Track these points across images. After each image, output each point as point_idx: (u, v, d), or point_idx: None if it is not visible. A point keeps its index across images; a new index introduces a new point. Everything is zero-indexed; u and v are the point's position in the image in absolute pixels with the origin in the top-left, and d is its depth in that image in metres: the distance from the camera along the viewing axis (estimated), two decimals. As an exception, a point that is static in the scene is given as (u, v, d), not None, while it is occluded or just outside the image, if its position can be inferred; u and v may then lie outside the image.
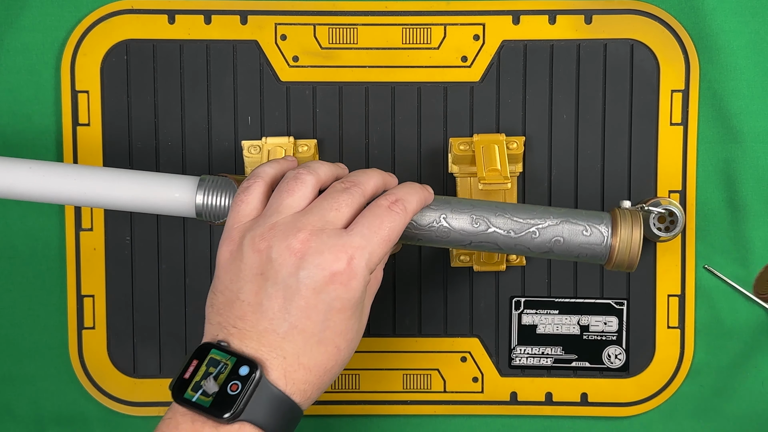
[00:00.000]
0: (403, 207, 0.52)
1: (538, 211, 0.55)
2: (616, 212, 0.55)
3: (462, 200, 0.56)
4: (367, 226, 0.50)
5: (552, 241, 0.54)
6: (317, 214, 0.50)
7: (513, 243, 0.54)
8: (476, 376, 0.67)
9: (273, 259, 0.49)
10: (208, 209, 0.55)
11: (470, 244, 0.55)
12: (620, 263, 0.54)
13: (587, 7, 0.64)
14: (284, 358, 0.49)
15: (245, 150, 0.64)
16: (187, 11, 0.65)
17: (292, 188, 0.51)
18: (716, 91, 0.65)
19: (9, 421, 0.68)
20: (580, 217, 0.55)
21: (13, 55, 0.65)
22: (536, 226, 0.54)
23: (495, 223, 0.54)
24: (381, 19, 0.65)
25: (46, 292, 0.67)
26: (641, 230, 0.54)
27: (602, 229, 0.54)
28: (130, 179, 0.56)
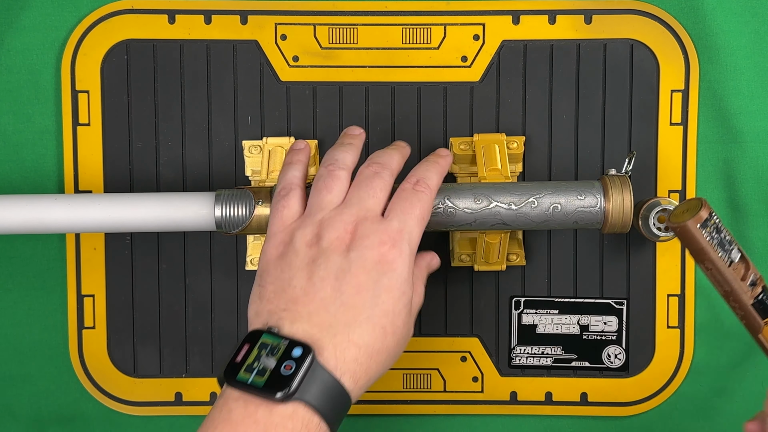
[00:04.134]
0: (426, 185, 0.54)
1: (534, 184, 0.58)
2: (606, 178, 0.58)
3: (462, 184, 0.59)
4: (401, 211, 0.53)
5: (551, 208, 0.57)
6: (357, 204, 0.53)
7: (515, 215, 0.57)
8: (476, 376, 0.67)
9: (324, 248, 0.52)
10: (227, 220, 0.58)
11: (475, 221, 0.58)
12: (614, 224, 0.57)
13: (587, 7, 0.64)
14: (335, 336, 0.50)
15: (245, 150, 0.64)
16: (187, 11, 0.65)
17: (329, 186, 0.54)
18: (716, 91, 0.65)
19: (9, 421, 0.68)
20: (573, 185, 0.58)
21: (14, 55, 0.65)
22: (534, 196, 0.57)
23: (496, 197, 0.57)
24: (381, 19, 0.65)
25: (47, 292, 0.67)
26: (631, 192, 0.57)
27: (595, 193, 0.57)
28: (152, 202, 0.59)
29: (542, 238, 0.66)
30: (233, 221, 0.58)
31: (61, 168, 0.66)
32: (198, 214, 0.59)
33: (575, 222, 0.58)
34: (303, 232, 0.53)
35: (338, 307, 0.50)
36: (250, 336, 0.50)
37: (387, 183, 0.55)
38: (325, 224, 0.53)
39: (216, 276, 0.66)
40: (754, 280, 0.56)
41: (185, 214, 0.59)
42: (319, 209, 0.54)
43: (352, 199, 0.54)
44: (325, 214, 0.53)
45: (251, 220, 0.58)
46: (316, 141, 0.64)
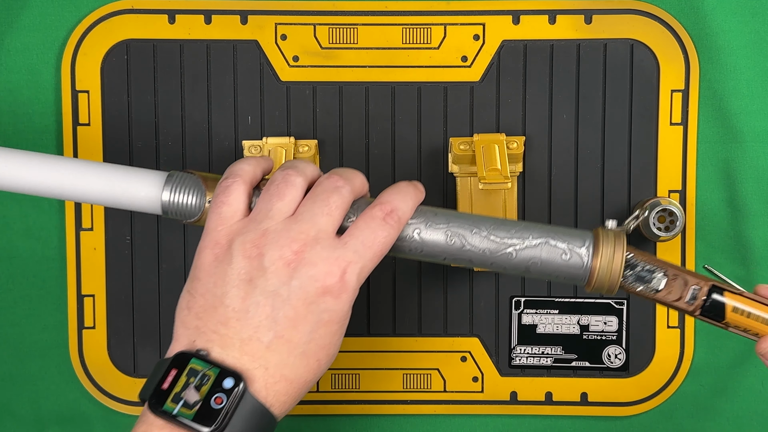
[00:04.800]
0: (397, 218, 0.50)
1: (518, 228, 0.52)
2: (599, 233, 0.52)
3: (439, 213, 0.53)
4: (362, 240, 0.49)
5: (529, 262, 0.52)
6: (309, 220, 0.49)
7: (489, 262, 0.52)
8: (476, 376, 0.67)
9: (265, 267, 0.48)
10: (175, 207, 0.53)
11: (444, 259, 0.53)
12: (599, 287, 0.52)
13: (587, 7, 0.64)
14: (266, 369, 0.47)
15: (246, 150, 0.64)
16: (187, 11, 0.65)
17: (282, 191, 0.50)
18: (716, 91, 0.65)
19: (9, 421, 0.68)
20: (562, 237, 0.52)
21: (14, 55, 0.65)
22: (513, 247, 0.51)
23: (470, 241, 0.52)
24: (381, 19, 0.65)
25: (47, 292, 0.67)
26: (624, 253, 0.51)
27: (582, 252, 0.51)
28: (94, 171, 0.53)
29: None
30: (182, 210, 0.53)
31: (61, 168, 0.66)
32: (144, 195, 0.53)
33: (555, 277, 0.52)
34: (243, 239, 0.49)
35: (272, 339, 0.47)
36: (177, 359, 0.47)
37: (346, 201, 0.50)
38: (269, 238, 0.48)
39: (216, 276, 0.66)
40: (695, 294, 0.52)
41: (130, 191, 0.53)
42: (266, 217, 0.49)
43: (304, 213, 0.49)
44: (272, 224, 0.49)
45: (202, 214, 0.53)
46: (316, 141, 0.64)
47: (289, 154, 0.62)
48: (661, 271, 0.52)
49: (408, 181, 0.53)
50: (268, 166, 0.54)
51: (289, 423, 0.68)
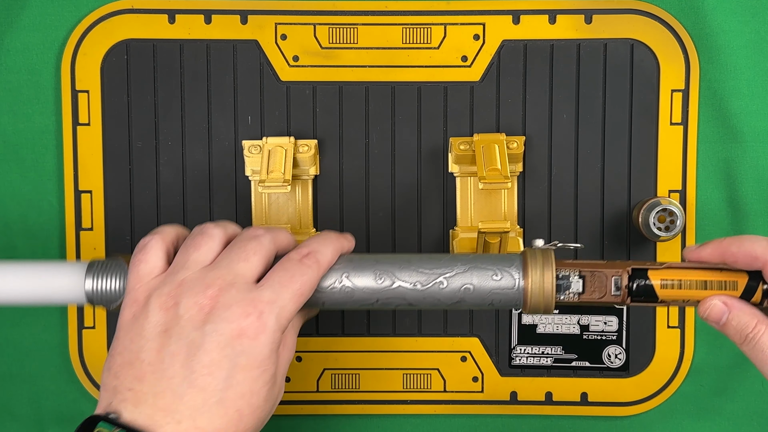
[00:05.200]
0: (315, 260, 0.50)
1: (446, 259, 0.52)
2: (527, 253, 0.52)
3: (366, 256, 0.53)
4: (278, 281, 0.48)
5: (462, 289, 0.51)
6: (226, 266, 0.48)
7: (421, 296, 0.51)
8: (476, 376, 0.67)
9: (180, 315, 0.47)
10: (100, 295, 0.52)
11: (377, 302, 0.52)
12: (536, 307, 0.51)
13: (587, 7, 0.64)
14: (179, 422, 0.45)
15: (245, 150, 0.64)
16: (187, 11, 0.65)
17: (198, 243, 0.50)
18: (716, 90, 0.65)
19: (9, 421, 0.68)
20: (489, 261, 0.52)
21: (13, 55, 0.65)
22: (443, 276, 0.51)
23: (399, 276, 0.51)
24: (381, 19, 0.65)
25: (46, 292, 0.67)
26: (553, 271, 0.51)
27: (513, 272, 0.51)
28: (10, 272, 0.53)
29: (542, 237, 0.66)
30: (107, 296, 0.52)
31: (61, 168, 0.66)
32: (65, 287, 0.52)
33: (491, 303, 0.52)
34: (160, 292, 0.48)
35: (186, 389, 0.46)
36: (85, 425, 0.46)
37: (265, 248, 0.50)
38: (185, 287, 0.48)
39: (216, 276, 0.66)
40: (617, 283, 0.51)
41: (49, 286, 0.52)
42: (182, 268, 0.49)
43: (221, 261, 0.49)
44: (188, 274, 0.48)
45: None
46: (316, 141, 0.64)
47: (289, 154, 0.62)
48: (575, 274, 0.52)
49: (337, 232, 0.54)
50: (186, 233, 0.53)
51: (289, 423, 0.68)
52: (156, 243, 0.50)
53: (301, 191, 0.65)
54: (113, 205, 0.66)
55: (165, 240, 0.51)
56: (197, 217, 0.65)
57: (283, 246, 0.52)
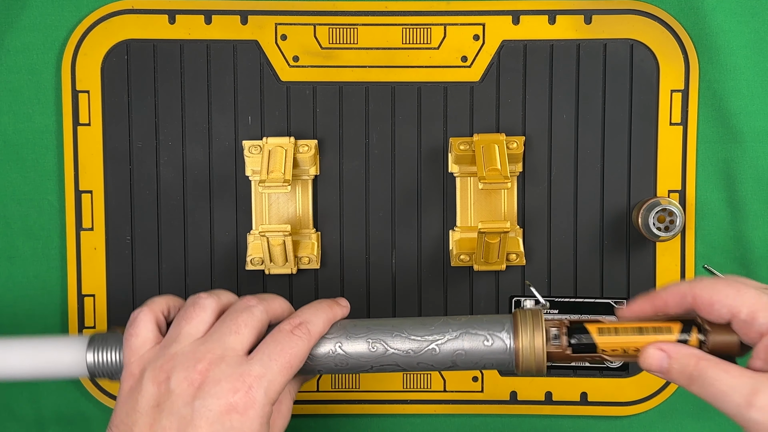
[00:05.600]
0: (306, 330, 0.51)
1: (437, 324, 0.53)
2: (517, 315, 0.53)
3: (359, 323, 0.54)
4: (267, 354, 0.49)
5: (454, 354, 0.52)
6: (217, 340, 0.49)
7: (415, 362, 0.53)
8: (476, 376, 0.67)
9: (171, 390, 0.48)
10: (102, 367, 0.53)
11: (372, 368, 0.53)
12: (528, 369, 0.52)
13: (587, 7, 0.64)
14: None
15: (246, 150, 0.64)
16: (187, 11, 0.65)
17: (190, 315, 0.51)
18: (716, 91, 0.65)
19: (9, 421, 0.68)
20: (481, 325, 0.53)
21: (14, 55, 0.65)
22: (435, 343, 0.52)
23: (392, 344, 0.52)
24: (381, 19, 0.65)
25: (47, 292, 0.67)
26: (543, 333, 0.51)
27: (503, 336, 0.52)
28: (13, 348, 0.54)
29: (542, 237, 0.66)
30: (110, 368, 0.53)
31: (61, 168, 0.66)
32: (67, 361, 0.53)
33: (483, 366, 0.53)
34: (153, 366, 0.49)
35: None
36: None
37: (257, 319, 0.51)
38: (177, 360, 0.49)
39: (216, 276, 0.66)
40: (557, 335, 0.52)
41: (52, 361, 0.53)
42: (174, 341, 0.50)
43: (213, 334, 0.50)
44: (180, 347, 0.49)
45: None
46: (316, 141, 0.64)
47: (289, 154, 0.62)
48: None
49: (330, 299, 0.55)
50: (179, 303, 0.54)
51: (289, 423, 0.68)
52: (145, 316, 0.52)
53: (301, 191, 0.65)
54: (113, 205, 0.66)
55: (154, 311, 0.52)
56: (197, 217, 0.65)
57: (276, 315, 0.53)
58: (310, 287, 0.66)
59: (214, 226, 0.66)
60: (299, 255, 0.65)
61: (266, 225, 0.62)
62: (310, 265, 0.65)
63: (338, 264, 0.66)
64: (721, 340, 0.50)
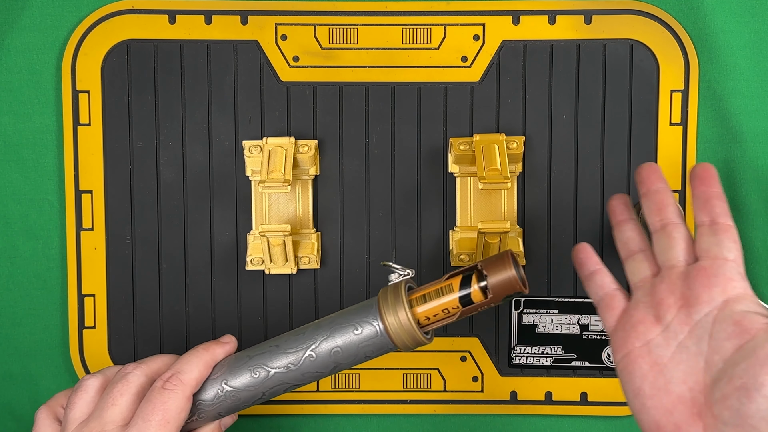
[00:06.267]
0: (178, 380, 0.52)
1: (310, 330, 0.53)
2: (380, 295, 0.52)
3: (240, 354, 0.54)
4: (141, 417, 0.50)
5: (332, 354, 0.52)
6: (97, 417, 0.51)
7: (299, 374, 0.52)
8: (476, 376, 0.67)
9: None
10: None
11: (263, 395, 0.53)
12: (405, 344, 0.52)
13: (587, 8, 0.65)
14: None
15: (246, 150, 0.64)
16: (187, 11, 0.65)
17: (72, 401, 0.53)
18: (716, 91, 0.65)
19: (9, 420, 0.68)
20: (348, 317, 0.52)
21: (14, 55, 0.65)
22: (309, 349, 0.52)
23: (272, 365, 0.52)
24: (381, 19, 0.65)
25: (47, 292, 0.67)
26: (405, 307, 0.51)
27: (371, 320, 0.51)
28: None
29: (542, 237, 0.66)
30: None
31: (61, 168, 0.66)
32: None
33: (366, 356, 0.52)
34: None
35: None
36: None
37: (132, 384, 0.52)
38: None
39: (216, 276, 0.66)
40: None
41: None
42: (64, 429, 0.52)
43: (94, 412, 0.52)
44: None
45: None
46: (316, 141, 0.65)
47: (289, 154, 0.62)
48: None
49: (212, 341, 0.56)
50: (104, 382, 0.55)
51: (289, 423, 0.68)
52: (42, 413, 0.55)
53: (301, 191, 0.65)
54: (113, 205, 0.66)
55: (51, 407, 0.55)
56: (197, 217, 0.66)
57: (157, 372, 0.54)
58: (310, 287, 0.66)
59: (214, 226, 0.66)
60: (299, 255, 0.65)
61: (266, 225, 0.62)
62: (310, 265, 0.65)
63: (338, 264, 0.66)
64: (499, 280, 0.51)
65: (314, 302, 0.66)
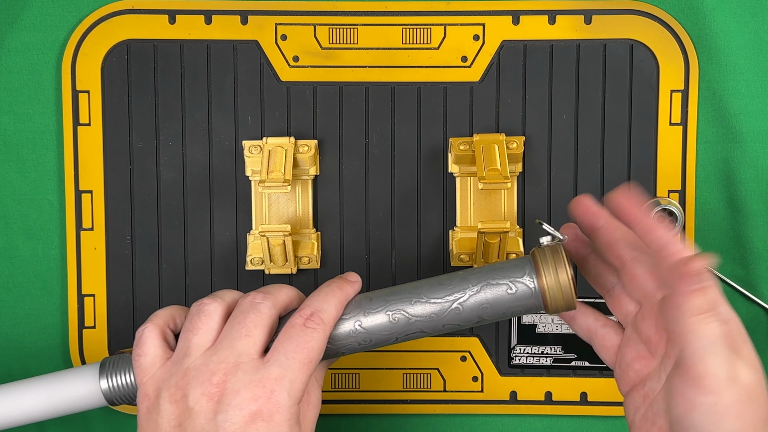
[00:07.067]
0: (319, 320, 0.48)
1: (456, 281, 0.50)
2: (536, 255, 0.50)
3: (375, 296, 0.51)
4: (283, 353, 0.47)
5: (480, 309, 0.50)
6: (228, 347, 0.47)
7: (440, 324, 0.50)
8: (476, 376, 0.67)
9: (191, 407, 0.46)
10: (119, 392, 0.52)
11: (397, 339, 0.51)
12: (557, 308, 0.50)
13: (587, 7, 0.65)
14: None
15: (246, 150, 0.64)
16: (187, 11, 0.65)
17: (196, 325, 0.49)
18: (716, 91, 0.65)
19: (9, 421, 0.68)
20: (501, 273, 0.50)
21: (14, 55, 0.65)
22: (457, 302, 0.50)
23: (413, 312, 0.50)
24: (381, 19, 0.65)
25: (47, 292, 0.67)
26: (566, 266, 0.49)
27: (526, 280, 0.49)
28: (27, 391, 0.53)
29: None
30: (128, 392, 0.52)
31: (61, 168, 0.66)
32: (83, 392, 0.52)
33: (512, 314, 0.50)
34: (168, 384, 0.47)
35: None
36: None
37: (265, 316, 0.49)
38: (191, 376, 0.47)
39: (216, 276, 0.66)
40: None
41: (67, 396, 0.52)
42: (185, 355, 0.48)
43: (223, 341, 0.48)
44: (192, 361, 0.48)
45: None
46: (316, 141, 0.65)
47: (289, 154, 0.62)
48: None
49: (339, 278, 0.52)
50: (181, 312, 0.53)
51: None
52: (150, 332, 0.50)
53: (301, 191, 0.65)
54: (113, 205, 0.66)
55: (159, 326, 0.50)
56: (197, 217, 0.65)
57: (285, 306, 0.51)
58: (310, 287, 0.66)
59: (214, 226, 0.66)
60: (299, 255, 0.65)
61: (266, 225, 0.62)
62: (310, 265, 0.65)
63: (338, 264, 0.66)
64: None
65: (314, 302, 0.66)
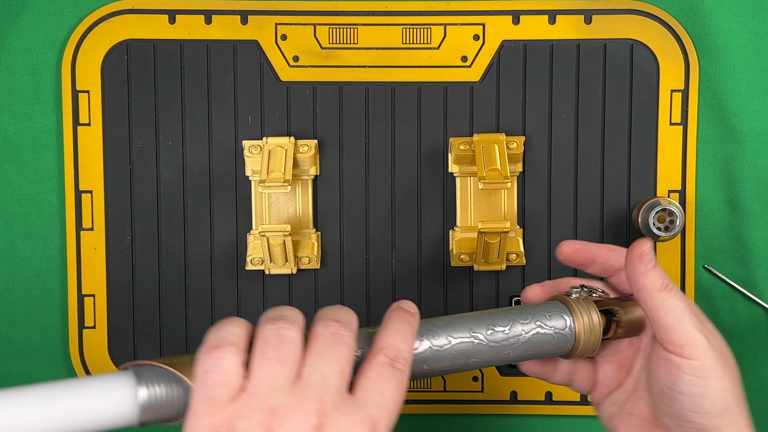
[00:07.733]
0: (403, 360, 0.45)
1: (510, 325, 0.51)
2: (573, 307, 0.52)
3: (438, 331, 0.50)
4: (380, 393, 0.43)
5: (524, 354, 0.51)
6: (319, 382, 0.42)
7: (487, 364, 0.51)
8: (476, 376, 0.67)
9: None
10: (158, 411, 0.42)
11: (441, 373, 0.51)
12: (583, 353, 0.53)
13: (587, 7, 0.65)
14: None
15: (246, 150, 0.64)
16: (187, 11, 0.65)
17: (282, 354, 0.42)
18: (716, 90, 0.65)
19: (9, 421, 0.67)
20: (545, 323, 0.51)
21: (14, 55, 0.65)
22: (510, 348, 0.51)
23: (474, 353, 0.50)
24: (381, 19, 0.65)
25: (47, 292, 0.67)
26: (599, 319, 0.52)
27: (567, 333, 0.52)
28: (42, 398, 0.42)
29: (542, 237, 0.66)
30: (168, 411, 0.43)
31: (61, 168, 0.66)
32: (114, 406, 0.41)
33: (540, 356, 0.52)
34: (249, 423, 0.40)
35: None
36: None
37: (351, 350, 0.44)
38: (280, 415, 0.40)
39: (216, 276, 0.66)
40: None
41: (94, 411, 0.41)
42: (270, 389, 0.41)
43: (313, 375, 0.42)
44: (279, 398, 0.41)
45: None
46: (316, 141, 0.65)
47: (289, 154, 0.62)
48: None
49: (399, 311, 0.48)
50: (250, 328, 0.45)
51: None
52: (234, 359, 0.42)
53: (301, 191, 0.65)
54: (113, 205, 0.66)
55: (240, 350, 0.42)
56: (197, 217, 0.65)
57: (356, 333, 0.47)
58: (310, 287, 0.66)
59: (214, 226, 0.66)
60: (299, 255, 0.65)
61: (266, 225, 0.62)
62: (310, 265, 0.65)
63: (338, 264, 0.66)
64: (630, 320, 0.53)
65: (314, 302, 0.66)
